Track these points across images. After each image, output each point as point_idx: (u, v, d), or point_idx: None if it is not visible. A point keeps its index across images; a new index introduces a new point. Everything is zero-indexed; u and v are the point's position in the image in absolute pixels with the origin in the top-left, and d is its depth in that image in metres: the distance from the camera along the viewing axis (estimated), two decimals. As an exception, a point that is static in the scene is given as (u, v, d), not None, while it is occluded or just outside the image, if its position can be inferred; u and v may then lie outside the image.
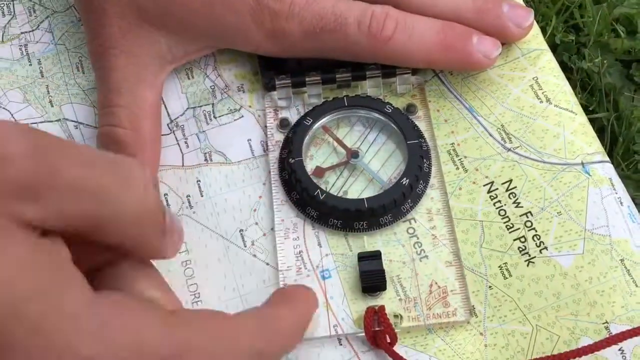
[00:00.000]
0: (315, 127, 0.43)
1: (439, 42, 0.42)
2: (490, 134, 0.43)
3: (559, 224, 0.40)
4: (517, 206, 0.41)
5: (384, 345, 0.37)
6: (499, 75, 0.45)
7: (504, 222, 0.40)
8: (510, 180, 0.41)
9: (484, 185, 0.42)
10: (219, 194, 0.42)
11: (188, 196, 0.42)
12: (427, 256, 0.40)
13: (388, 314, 0.37)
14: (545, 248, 0.40)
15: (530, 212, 0.40)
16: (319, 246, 0.40)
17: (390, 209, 0.40)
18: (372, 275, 0.39)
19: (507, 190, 0.41)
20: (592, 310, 0.38)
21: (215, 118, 0.44)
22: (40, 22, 0.48)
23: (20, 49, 0.47)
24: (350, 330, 0.38)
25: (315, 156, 0.43)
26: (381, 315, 0.37)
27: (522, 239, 0.40)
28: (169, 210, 0.31)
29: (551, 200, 0.41)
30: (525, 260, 0.39)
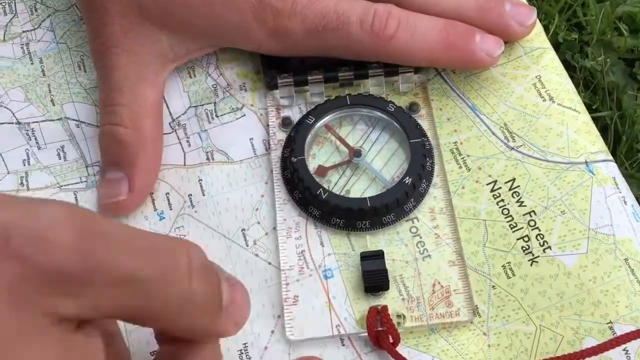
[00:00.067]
0: (317, 126, 0.43)
1: (442, 40, 0.42)
2: (493, 133, 0.43)
3: (563, 223, 0.40)
4: (520, 205, 0.41)
5: (387, 346, 0.37)
6: (502, 74, 0.44)
7: (508, 221, 0.40)
8: (514, 179, 0.41)
9: (487, 184, 0.41)
10: (220, 193, 0.42)
11: (190, 195, 0.42)
12: (430, 255, 0.40)
13: (391, 314, 0.37)
14: (549, 247, 0.39)
15: (533, 211, 0.40)
16: (321, 245, 0.40)
17: (392, 208, 0.40)
18: (374, 275, 0.38)
19: (510, 189, 0.41)
20: (596, 310, 0.38)
21: (217, 117, 0.44)
22: (42, 21, 0.48)
23: (21, 47, 0.47)
24: (352, 331, 0.38)
25: (318, 155, 0.43)
26: (384, 315, 0.37)
27: (526, 238, 0.40)
28: (236, 286, 0.30)
29: (555, 199, 0.40)
30: (529, 260, 0.39)
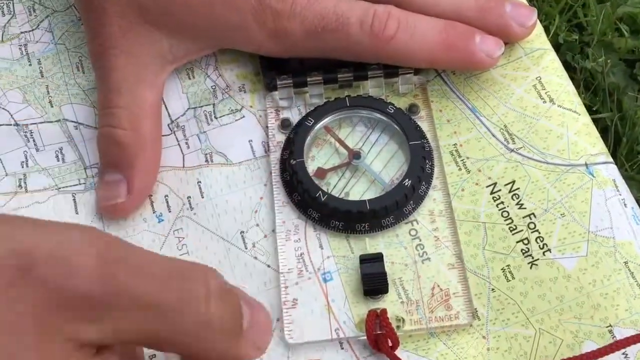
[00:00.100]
0: (317, 128, 0.42)
1: (441, 41, 0.42)
2: (493, 135, 0.43)
3: (563, 226, 0.40)
4: (520, 207, 0.40)
5: (386, 350, 0.36)
6: (502, 75, 0.44)
7: (507, 224, 0.40)
8: (513, 182, 0.41)
9: (487, 187, 0.41)
10: (219, 195, 0.42)
11: (189, 197, 0.42)
12: (429, 258, 0.39)
13: (390, 318, 0.37)
14: (549, 250, 0.39)
15: (533, 213, 0.40)
16: (320, 248, 0.40)
17: (392, 210, 0.40)
18: (374, 278, 0.38)
19: (510, 192, 0.41)
20: (595, 314, 0.38)
21: (216, 118, 0.44)
22: (40, 22, 0.48)
23: (20, 48, 0.47)
24: (351, 334, 0.38)
25: (317, 157, 0.43)
26: (383, 319, 0.37)
27: (525, 241, 0.40)
28: (258, 309, 0.30)
29: (554, 202, 0.40)
30: (529, 263, 0.39)
